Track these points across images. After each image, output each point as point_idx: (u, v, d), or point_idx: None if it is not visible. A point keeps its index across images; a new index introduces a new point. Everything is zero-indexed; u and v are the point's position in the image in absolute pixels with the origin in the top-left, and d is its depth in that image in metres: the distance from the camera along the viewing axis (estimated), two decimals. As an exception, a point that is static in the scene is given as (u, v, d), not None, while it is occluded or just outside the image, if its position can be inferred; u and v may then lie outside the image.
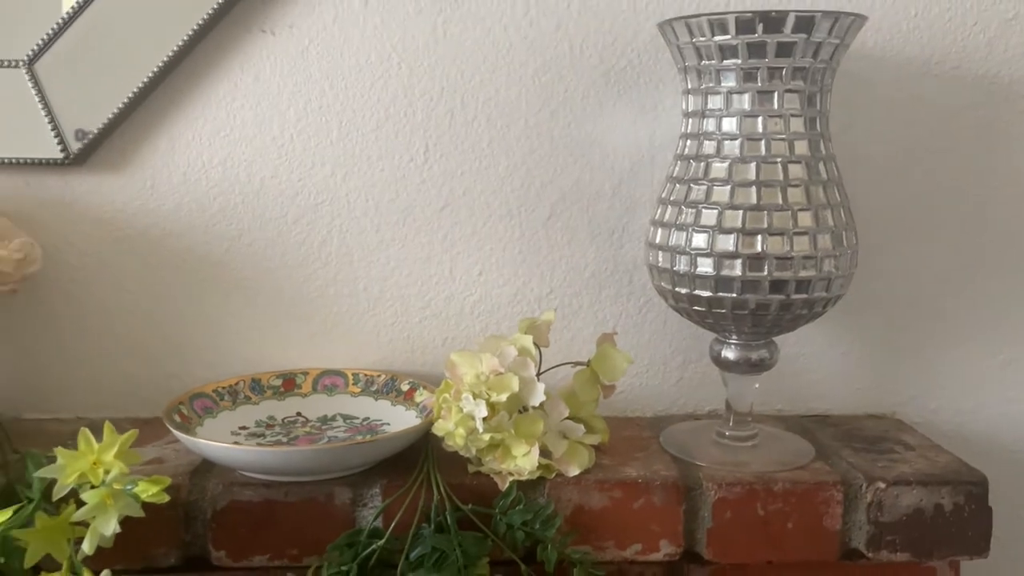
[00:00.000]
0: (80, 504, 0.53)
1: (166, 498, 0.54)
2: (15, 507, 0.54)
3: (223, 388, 0.71)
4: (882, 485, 0.63)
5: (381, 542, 0.59)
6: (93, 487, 0.53)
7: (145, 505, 0.55)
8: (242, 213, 0.74)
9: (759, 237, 0.60)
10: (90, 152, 0.71)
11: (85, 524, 0.54)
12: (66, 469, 0.54)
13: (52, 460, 0.54)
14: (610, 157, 0.75)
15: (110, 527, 0.53)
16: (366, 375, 0.75)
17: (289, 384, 0.74)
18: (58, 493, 0.54)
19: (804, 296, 0.61)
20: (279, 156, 0.74)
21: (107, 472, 0.54)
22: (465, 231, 0.75)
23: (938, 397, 0.79)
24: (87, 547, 0.53)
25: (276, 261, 0.75)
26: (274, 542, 0.61)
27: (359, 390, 0.74)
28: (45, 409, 0.75)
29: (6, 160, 0.70)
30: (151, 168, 0.73)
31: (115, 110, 0.70)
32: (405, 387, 0.73)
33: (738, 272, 0.61)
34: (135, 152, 0.72)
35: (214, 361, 0.75)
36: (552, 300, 0.77)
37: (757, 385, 0.68)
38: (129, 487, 0.54)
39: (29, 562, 0.53)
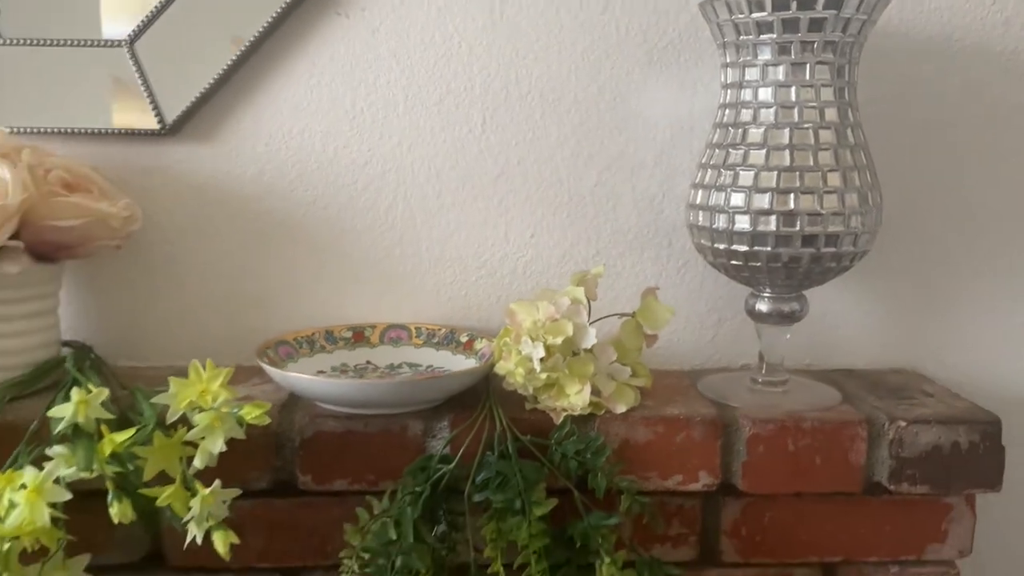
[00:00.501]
0: (190, 428, 0.61)
1: (267, 420, 0.61)
2: (136, 427, 0.61)
3: (302, 337, 0.78)
4: (903, 423, 0.69)
5: (451, 467, 0.65)
6: (202, 411, 0.61)
7: (244, 431, 0.62)
8: (317, 180, 0.81)
9: (792, 195, 0.66)
10: (183, 124, 0.79)
11: (194, 445, 0.61)
12: (178, 396, 0.61)
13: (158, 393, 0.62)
14: (652, 129, 0.81)
15: (217, 446, 0.60)
16: (428, 328, 0.82)
17: (359, 336, 0.81)
18: (171, 417, 0.61)
19: (833, 250, 0.67)
20: (351, 128, 0.80)
21: (214, 399, 0.61)
22: (519, 197, 0.82)
23: (957, 354, 0.84)
24: (198, 462, 0.60)
25: (347, 224, 0.82)
26: (354, 468, 0.68)
27: (421, 342, 0.81)
28: (140, 357, 0.82)
29: (110, 131, 0.78)
30: (237, 139, 0.80)
31: (206, 85, 0.77)
32: (464, 339, 0.80)
33: (772, 228, 0.67)
34: (223, 124, 0.80)
35: (291, 315, 0.82)
36: (598, 261, 0.83)
37: (788, 336, 0.74)
38: (235, 410, 0.61)
39: (147, 476, 0.60)
